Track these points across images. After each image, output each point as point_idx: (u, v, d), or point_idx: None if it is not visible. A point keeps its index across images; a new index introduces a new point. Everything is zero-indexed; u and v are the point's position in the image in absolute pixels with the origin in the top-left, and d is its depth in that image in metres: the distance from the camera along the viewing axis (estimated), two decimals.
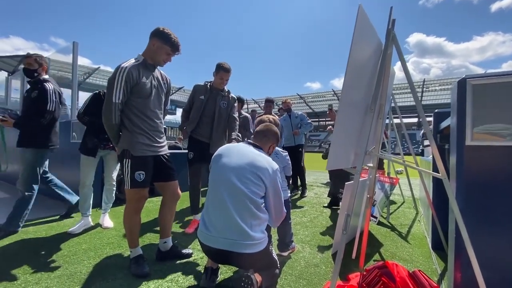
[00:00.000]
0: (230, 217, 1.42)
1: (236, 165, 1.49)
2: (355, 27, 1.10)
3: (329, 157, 1.16)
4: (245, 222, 1.41)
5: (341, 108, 1.18)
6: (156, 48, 1.88)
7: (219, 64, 2.73)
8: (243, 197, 1.43)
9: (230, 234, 1.42)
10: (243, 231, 1.39)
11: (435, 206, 2.28)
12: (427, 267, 2.02)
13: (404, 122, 3.64)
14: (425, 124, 1.37)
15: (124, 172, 1.85)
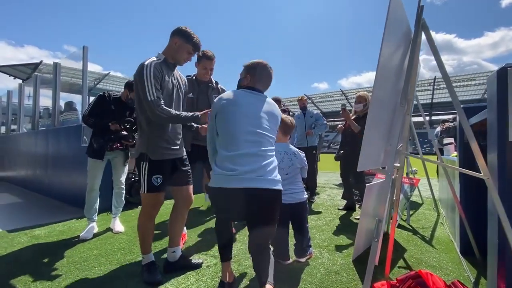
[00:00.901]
0: (256, 158, 1.36)
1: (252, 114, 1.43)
2: (388, 15, 0.99)
3: (360, 157, 1.05)
4: (269, 161, 1.38)
5: (372, 105, 1.07)
6: (178, 46, 1.82)
7: (201, 51, 2.30)
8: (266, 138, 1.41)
9: (255, 172, 1.34)
10: (268, 169, 1.36)
11: (462, 207, 2.12)
12: (458, 274, 1.87)
13: (415, 120, 3.48)
14: (464, 121, 1.25)
15: (141, 176, 1.77)
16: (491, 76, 1.29)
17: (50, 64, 4.97)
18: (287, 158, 1.98)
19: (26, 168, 5.54)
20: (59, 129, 4.45)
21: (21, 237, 2.58)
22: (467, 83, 42.36)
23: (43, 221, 3.10)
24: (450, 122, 4.68)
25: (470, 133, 1.23)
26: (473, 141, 1.23)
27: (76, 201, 3.84)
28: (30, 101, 6.31)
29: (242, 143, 1.35)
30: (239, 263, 2.02)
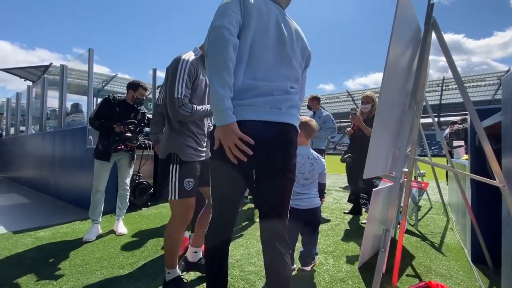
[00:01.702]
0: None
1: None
2: (396, 12, 0.94)
3: (367, 163, 1.00)
4: None
5: (380, 107, 1.02)
6: None
7: None
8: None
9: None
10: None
11: (474, 213, 2.04)
12: (469, 284, 1.79)
13: (426, 122, 3.38)
14: (477, 123, 1.18)
15: (171, 180, 1.63)
16: (506, 76, 1.22)
17: (60, 64, 5.03)
18: (308, 163, 1.89)
19: (34, 169, 5.61)
20: (65, 130, 4.49)
21: (25, 238, 2.59)
22: (477, 84, 41.58)
23: (48, 222, 3.11)
24: (459, 124, 4.55)
25: (484, 136, 1.17)
26: (486, 144, 1.16)
27: (81, 202, 3.86)
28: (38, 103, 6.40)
29: None
30: (241, 268, 1.97)
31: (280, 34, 1.07)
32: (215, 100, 0.92)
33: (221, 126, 0.94)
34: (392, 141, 1.23)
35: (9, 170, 7.22)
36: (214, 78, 0.93)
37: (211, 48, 0.93)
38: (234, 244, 2.48)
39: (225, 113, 0.92)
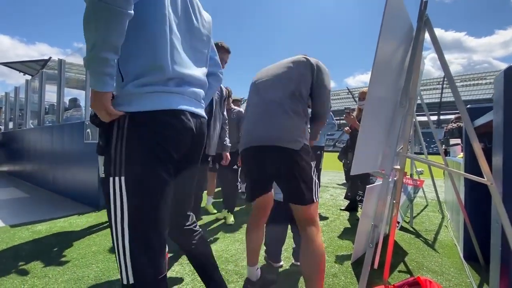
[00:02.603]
0: None
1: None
2: (385, 9, 0.94)
3: (354, 160, 1.01)
4: None
5: (368, 104, 1.02)
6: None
7: (218, 42, 2.18)
8: None
9: None
10: None
11: (467, 211, 2.06)
12: (460, 280, 1.81)
13: (421, 120, 3.38)
14: (467, 121, 1.19)
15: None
16: (498, 75, 1.23)
17: (59, 59, 5.01)
18: None
19: (32, 163, 5.62)
20: (63, 125, 4.49)
21: (22, 232, 2.61)
22: (478, 82, 41.48)
23: (45, 216, 3.13)
24: (454, 122, 4.55)
25: (473, 134, 1.17)
26: (475, 143, 1.17)
27: (78, 197, 3.88)
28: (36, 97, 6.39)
29: None
30: (236, 263, 2.00)
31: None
32: (97, 61, 0.75)
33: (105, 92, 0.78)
34: (383, 138, 1.23)
35: (8, 164, 7.23)
36: (105, 33, 0.73)
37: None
38: (230, 239, 2.51)
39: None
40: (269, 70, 1.47)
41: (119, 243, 0.82)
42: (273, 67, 1.48)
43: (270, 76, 1.42)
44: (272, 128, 1.26)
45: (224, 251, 2.22)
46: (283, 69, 1.39)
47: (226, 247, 2.30)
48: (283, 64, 1.43)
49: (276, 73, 1.40)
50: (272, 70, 1.45)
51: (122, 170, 0.81)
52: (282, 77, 1.36)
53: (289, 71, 1.36)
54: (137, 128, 0.82)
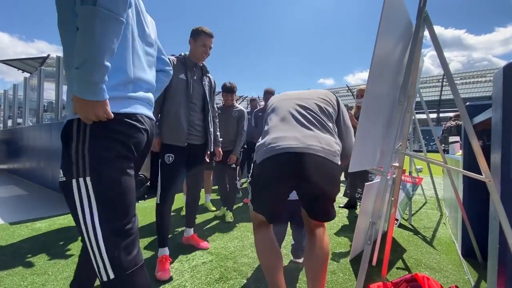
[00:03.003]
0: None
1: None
2: (384, 5, 0.93)
3: (352, 157, 1.01)
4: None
5: (366, 102, 1.02)
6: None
7: (199, 28, 1.98)
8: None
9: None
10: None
11: (465, 208, 2.06)
12: (458, 277, 1.82)
13: (421, 118, 3.38)
14: (466, 118, 1.19)
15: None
16: (497, 72, 1.22)
17: (56, 56, 4.99)
18: None
19: (31, 161, 5.62)
20: (62, 123, 4.48)
21: (22, 229, 2.62)
22: (477, 80, 41.42)
23: (44, 214, 3.14)
24: (452, 120, 4.55)
25: (472, 132, 1.17)
26: (474, 140, 1.17)
27: None
28: (35, 94, 6.36)
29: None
30: (235, 260, 2.00)
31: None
32: (99, 69, 0.74)
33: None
34: (381, 136, 1.23)
35: (7, 162, 7.23)
36: (108, 41, 0.73)
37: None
38: (228, 236, 2.51)
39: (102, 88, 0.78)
40: (295, 96, 1.37)
41: (92, 243, 0.83)
42: (299, 93, 1.41)
43: (298, 99, 1.32)
44: (313, 138, 1.12)
45: (223, 248, 2.22)
46: (313, 98, 1.33)
47: (225, 244, 2.31)
48: (311, 93, 1.38)
49: (306, 98, 1.32)
50: (299, 96, 1.37)
51: (87, 171, 0.83)
52: (313, 100, 1.30)
53: (319, 102, 1.30)
54: (102, 129, 0.84)
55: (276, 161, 1.12)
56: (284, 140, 1.12)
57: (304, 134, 1.13)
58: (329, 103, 1.30)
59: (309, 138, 1.11)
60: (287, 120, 1.21)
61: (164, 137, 1.92)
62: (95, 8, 0.69)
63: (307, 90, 1.43)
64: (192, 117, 2.00)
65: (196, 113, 2.03)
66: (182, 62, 2.00)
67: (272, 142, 1.14)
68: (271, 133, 1.19)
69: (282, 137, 1.14)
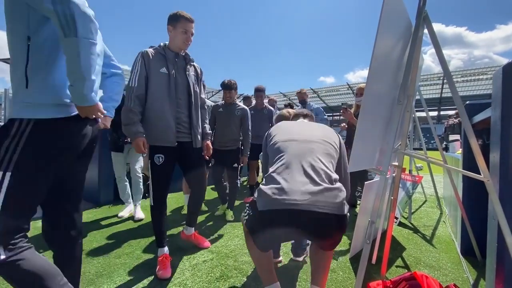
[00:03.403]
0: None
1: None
2: (383, 5, 0.93)
3: (351, 157, 1.01)
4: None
5: (366, 101, 1.02)
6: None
7: (177, 12, 1.81)
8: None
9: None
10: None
11: (465, 207, 2.07)
12: (457, 275, 1.83)
13: (421, 116, 3.38)
14: (464, 117, 1.19)
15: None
16: (497, 71, 1.22)
17: None
18: None
19: None
20: None
21: None
22: (478, 77, 41.27)
23: None
24: (454, 118, 4.55)
25: (470, 131, 1.18)
26: (472, 139, 1.17)
27: None
28: None
29: None
30: (235, 258, 2.02)
31: None
32: (88, 84, 0.97)
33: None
34: (381, 135, 1.23)
35: None
36: (87, 63, 0.95)
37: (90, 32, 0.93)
38: (229, 234, 2.53)
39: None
40: (300, 136, 1.31)
41: None
42: (303, 133, 1.35)
43: (304, 142, 1.27)
44: (319, 194, 1.08)
45: (224, 247, 2.24)
46: (318, 141, 1.28)
47: (226, 243, 2.32)
48: (315, 133, 1.33)
49: (310, 140, 1.27)
50: (304, 137, 1.31)
51: (10, 167, 0.94)
52: (318, 144, 1.25)
53: (326, 143, 1.26)
54: (41, 132, 0.99)
55: (281, 216, 1.09)
56: (290, 194, 1.08)
57: (309, 190, 1.09)
58: (333, 147, 1.26)
59: (315, 194, 1.08)
60: (293, 169, 1.17)
61: (151, 139, 1.80)
62: (77, 39, 0.89)
63: (309, 127, 1.37)
64: (178, 113, 1.87)
65: (182, 109, 1.90)
66: (162, 54, 1.84)
67: (277, 193, 1.11)
68: (276, 180, 1.16)
69: (288, 191, 1.10)
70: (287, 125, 1.42)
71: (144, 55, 1.80)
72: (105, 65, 1.38)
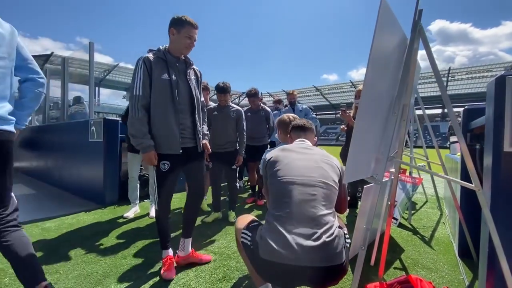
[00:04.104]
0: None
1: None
2: (377, 22, 0.97)
3: (347, 167, 1.06)
4: None
5: (361, 110, 1.06)
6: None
7: (182, 17, 1.78)
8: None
9: None
10: None
11: (463, 209, 2.11)
12: (453, 277, 1.88)
13: (428, 113, 3.40)
14: (453, 119, 1.22)
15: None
16: (490, 82, 1.26)
17: (61, 56, 5.08)
18: None
19: (38, 160, 5.75)
20: (69, 123, 4.58)
21: (33, 229, 2.72)
22: (484, 75, 40.82)
23: (53, 213, 3.24)
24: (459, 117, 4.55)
25: (460, 135, 1.21)
26: (463, 144, 1.21)
27: (85, 194, 3.99)
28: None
29: None
30: (238, 260, 2.08)
31: None
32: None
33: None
34: (376, 144, 1.27)
35: (14, 161, 7.38)
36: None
37: None
38: (231, 236, 2.59)
39: None
40: (302, 173, 1.28)
41: None
42: (307, 168, 1.31)
43: (309, 179, 1.25)
44: (321, 249, 1.10)
45: (226, 248, 2.30)
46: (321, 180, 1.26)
47: (228, 244, 2.39)
48: (317, 168, 1.30)
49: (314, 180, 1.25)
50: (306, 172, 1.28)
51: None
52: (322, 180, 1.25)
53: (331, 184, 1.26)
54: None
55: (283, 269, 1.12)
56: (292, 249, 1.09)
57: (312, 245, 1.10)
58: (333, 187, 1.26)
59: (317, 250, 1.10)
60: (295, 221, 1.16)
61: (156, 146, 1.79)
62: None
63: (309, 164, 1.32)
64: (182, 120, 1.86)
65: (186, 115, 1.89)
66: (162, 59, 1.80)
67: (280, 246, 1.11)
68: (280, 231, 1.15)
69: (291, 245, 1.10)
70: (288, 160, 1.35)
71: (146, 60, 1.76)
72: (20, 69, 1.35)
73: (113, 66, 44.01)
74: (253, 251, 1.24)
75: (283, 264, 1.11)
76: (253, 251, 1.24)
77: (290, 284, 1.28)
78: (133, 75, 1.78)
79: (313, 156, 1.37)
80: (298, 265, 1.09)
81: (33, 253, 1.42)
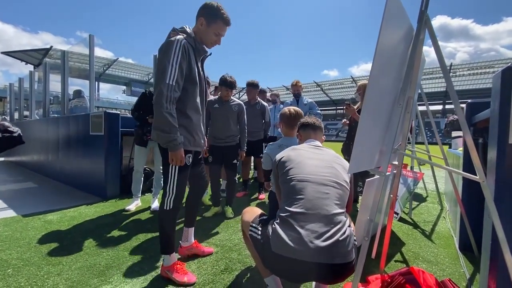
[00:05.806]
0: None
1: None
2: (385, 10, 0.96)
3: (352, 158, 1.05)
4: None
5: (367, 102, 1.05)
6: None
7: (218, 9, 1.61)
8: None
9: None
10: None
11: (464, 203, 2.11)
12: (454, 270, 1.89)
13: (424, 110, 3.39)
14: (460, 113, 1.21)
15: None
16: (496, 75, 1.24)
17: (61, 50, 5.05)
18: None
19: (40, 154, 5.75)
20: (69, 117, 4.57)
21: (35, 221, 2.73)
22: (485, 71, 40.59)
23: (55, 206, 3.25)
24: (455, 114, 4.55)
25: (466, 128, 1.21)
26: (468, 137, 1.21)
27: (86, 187, 4.00)
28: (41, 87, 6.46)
29: None
30: (239, 252, 2.09)
31: None
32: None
33: None
34: (381, 136, 1.27)
35: (16, 155, 7.39)
36: None
37: None
38: (233, 229, 2.60)
39: None
40: (315, 173, 1.28)
41: None
42: (319, 166, 1.31)
43: (325, 182, 1.25)
44: (338, 245, 1.12)
45: (228, 241, 2.31)
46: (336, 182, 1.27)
47: (230, 237, 2.40)
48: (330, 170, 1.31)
49: (328, 180, 1.26)
50: (319, 171, 1.29)
51: None
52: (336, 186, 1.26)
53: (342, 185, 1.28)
54: None
55: (295, 264, 1.12)
56: (305, 245, 1.10)
57: (325, 244, 1.11)
58: (345, 187, 1.28)
59: (330, 248, 1.10)
60: (309, 218, 1.16)
61: (185, 143, 1.63)
62: None
63: (321, 163, 1.32)
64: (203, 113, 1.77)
65: (203, 111, 1.79)
66: (192, 46, 1.60)
67: (293, 241, 1.12)
68: (294, 227, 1.16)
69: (304, 241, 1.11)
70: (300, 159, 1.35)
71: (185, 44, 1.52)
72: None
73: (113, 60, 43.71)
74: (263, 245, 1.24)
75: (296, 260, 1.11)
76: (263, 245, 1.24)
77: (300, 279, 1.29)
78: (163, 59, 1.48)
79: (325, 156, 1.38)
80: (311, 261, 1.10)
81: None
